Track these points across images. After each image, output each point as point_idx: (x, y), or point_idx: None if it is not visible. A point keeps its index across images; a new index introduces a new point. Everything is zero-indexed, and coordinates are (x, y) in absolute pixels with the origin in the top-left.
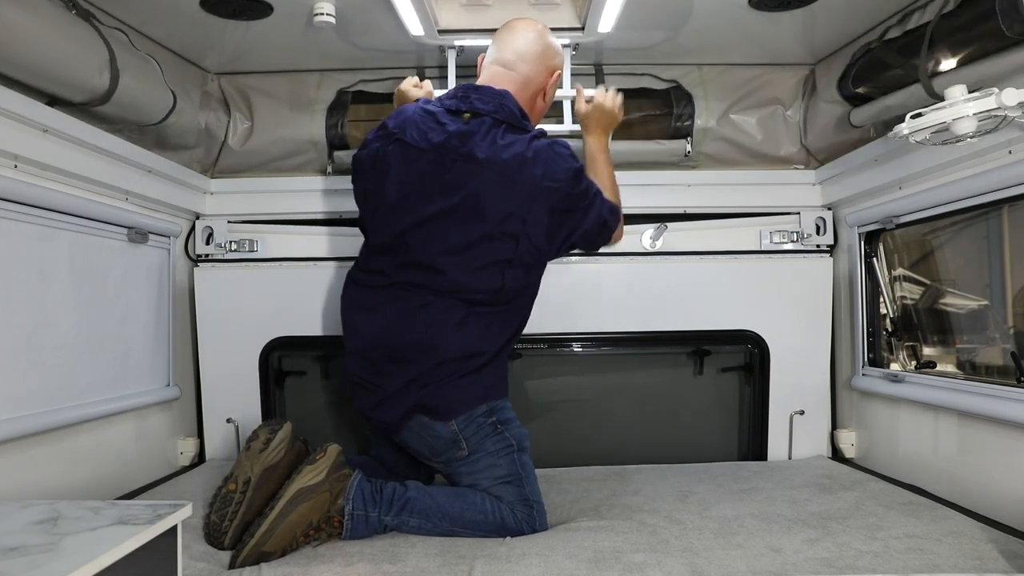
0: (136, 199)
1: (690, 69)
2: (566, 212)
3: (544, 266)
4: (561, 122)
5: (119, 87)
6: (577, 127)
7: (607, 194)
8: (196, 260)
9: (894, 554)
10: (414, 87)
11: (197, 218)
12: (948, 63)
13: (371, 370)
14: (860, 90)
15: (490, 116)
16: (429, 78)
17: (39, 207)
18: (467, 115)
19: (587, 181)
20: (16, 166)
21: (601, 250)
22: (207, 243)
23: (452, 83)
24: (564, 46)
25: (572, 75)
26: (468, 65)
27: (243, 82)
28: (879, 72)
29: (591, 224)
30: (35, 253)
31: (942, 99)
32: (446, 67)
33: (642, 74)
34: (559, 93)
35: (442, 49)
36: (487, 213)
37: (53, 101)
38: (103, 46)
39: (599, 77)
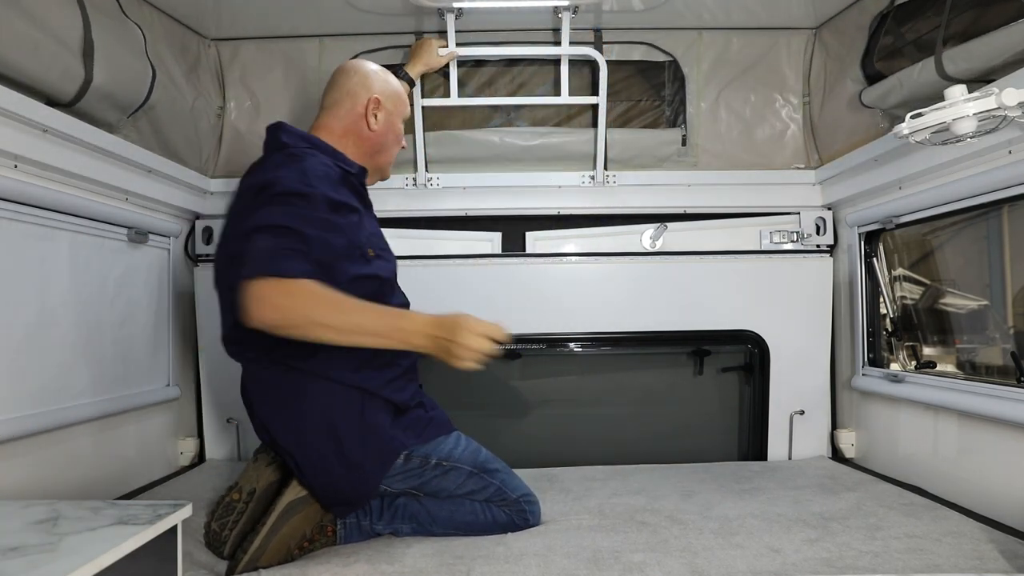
0: (136, 199)
1: (690, 36)
2: None
3: None
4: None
5: (95, 65)
6: None
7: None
8: (196, 260)
9: (894, 554)
10: (439, 52)
11: (197, 218)
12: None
13: None
14: (880, 67)
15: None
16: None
17: (39, 207)
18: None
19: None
20: (16, 166)
21: (598, 250)
22: (207, 243)
23: (452, 46)
24: (563, 9)
25: (571, 42)
26: (467, 30)
27: (240, 51)
28: (895, 45)
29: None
30: (35, 253)
31: (955, 79)
32: (446, 33)
33: (640, 42)
34: None
35: (441, 13)
36: None
37: (51, 101)
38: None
39: (598, 44)
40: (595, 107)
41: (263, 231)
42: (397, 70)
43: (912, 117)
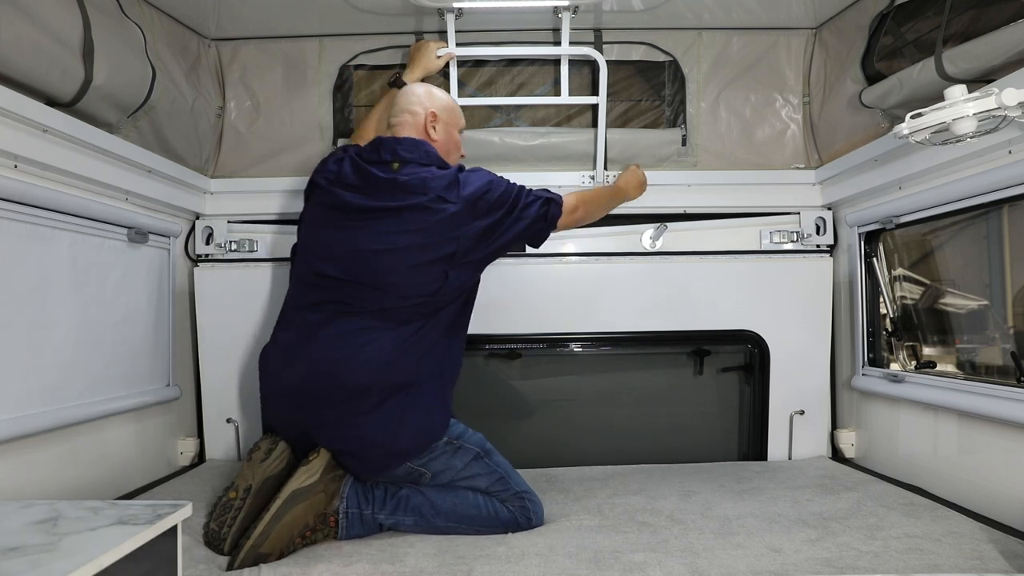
0: (136, 199)
1: (690, 36)
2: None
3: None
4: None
5: (95, 64)
6: None
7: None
8: (196, 260)
9: (894, 554)
10: (437, 54)
11: (197, 218)
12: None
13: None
14: (880, 67)
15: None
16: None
17: (39, 207)
18: (395, 164)
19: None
20: (16, 166)
21: (598, 250)
22: (207, 243)
23: (452, 47)
24: (563, 9)
25: (570, 42)
26: (466, 30)
27: (240, 51)
28: (895, 45)
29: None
30: (35, 253)
31: (955, 79)
32: (445, 33)
33: (640, 42)
34: None
35: (441, 13)
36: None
37: (51, 101)
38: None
39: (598, 44)
40: (595, 107)
41: (530, 195)
42: (394, 76)
43: (912, 117)
